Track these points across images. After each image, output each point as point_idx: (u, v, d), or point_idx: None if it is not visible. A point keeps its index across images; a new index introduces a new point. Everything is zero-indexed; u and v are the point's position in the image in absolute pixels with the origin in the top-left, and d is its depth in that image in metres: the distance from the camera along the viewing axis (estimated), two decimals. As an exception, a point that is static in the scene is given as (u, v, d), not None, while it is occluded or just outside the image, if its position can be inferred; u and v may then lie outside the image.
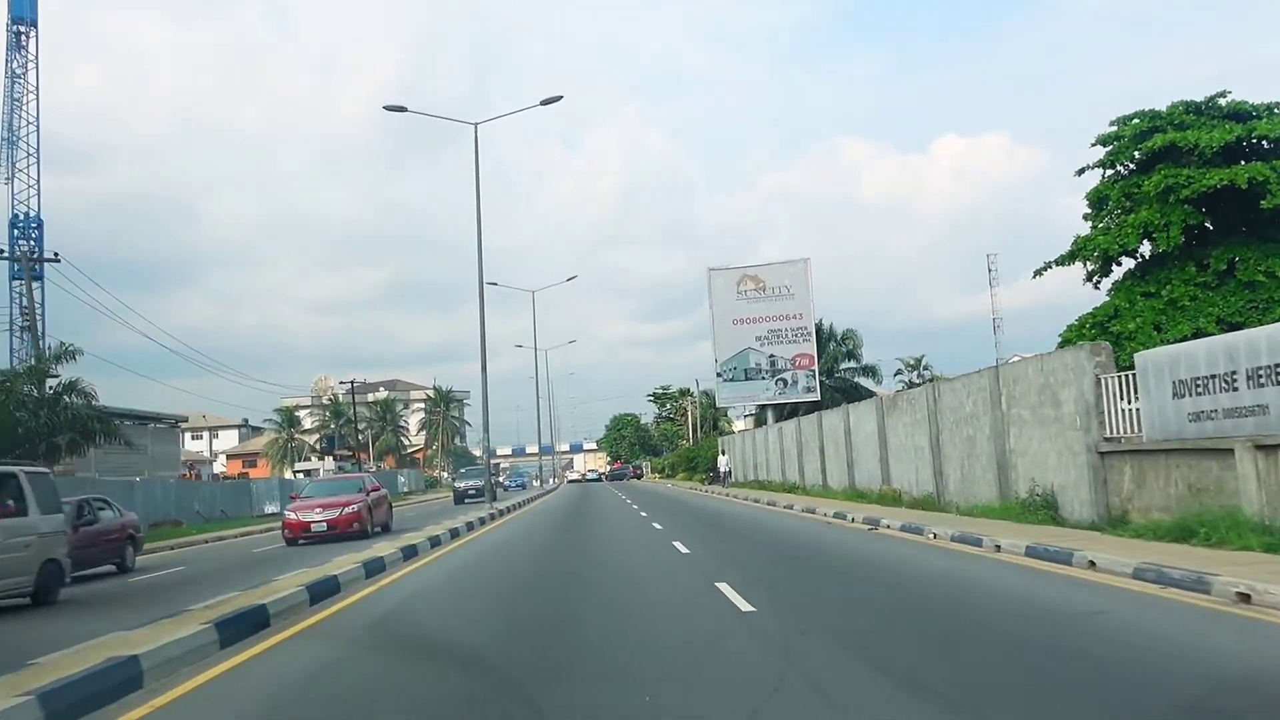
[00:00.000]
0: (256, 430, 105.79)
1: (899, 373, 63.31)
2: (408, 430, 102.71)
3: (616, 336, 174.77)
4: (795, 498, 28.37)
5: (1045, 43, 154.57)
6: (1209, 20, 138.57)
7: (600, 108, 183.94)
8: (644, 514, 26.12)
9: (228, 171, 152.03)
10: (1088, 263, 24.67)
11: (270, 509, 42.71)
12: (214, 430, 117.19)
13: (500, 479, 71.49)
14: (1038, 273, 25.32)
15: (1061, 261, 25.05)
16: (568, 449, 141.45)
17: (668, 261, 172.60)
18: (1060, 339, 24.15)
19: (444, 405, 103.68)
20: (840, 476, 27.75)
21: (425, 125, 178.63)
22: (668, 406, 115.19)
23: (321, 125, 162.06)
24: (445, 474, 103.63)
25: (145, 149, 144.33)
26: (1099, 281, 25.05)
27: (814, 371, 48.28)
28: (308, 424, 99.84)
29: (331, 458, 74.16)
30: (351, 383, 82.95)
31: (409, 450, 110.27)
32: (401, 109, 30.75)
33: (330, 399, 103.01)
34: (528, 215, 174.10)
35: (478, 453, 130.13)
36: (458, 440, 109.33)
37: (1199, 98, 23.93)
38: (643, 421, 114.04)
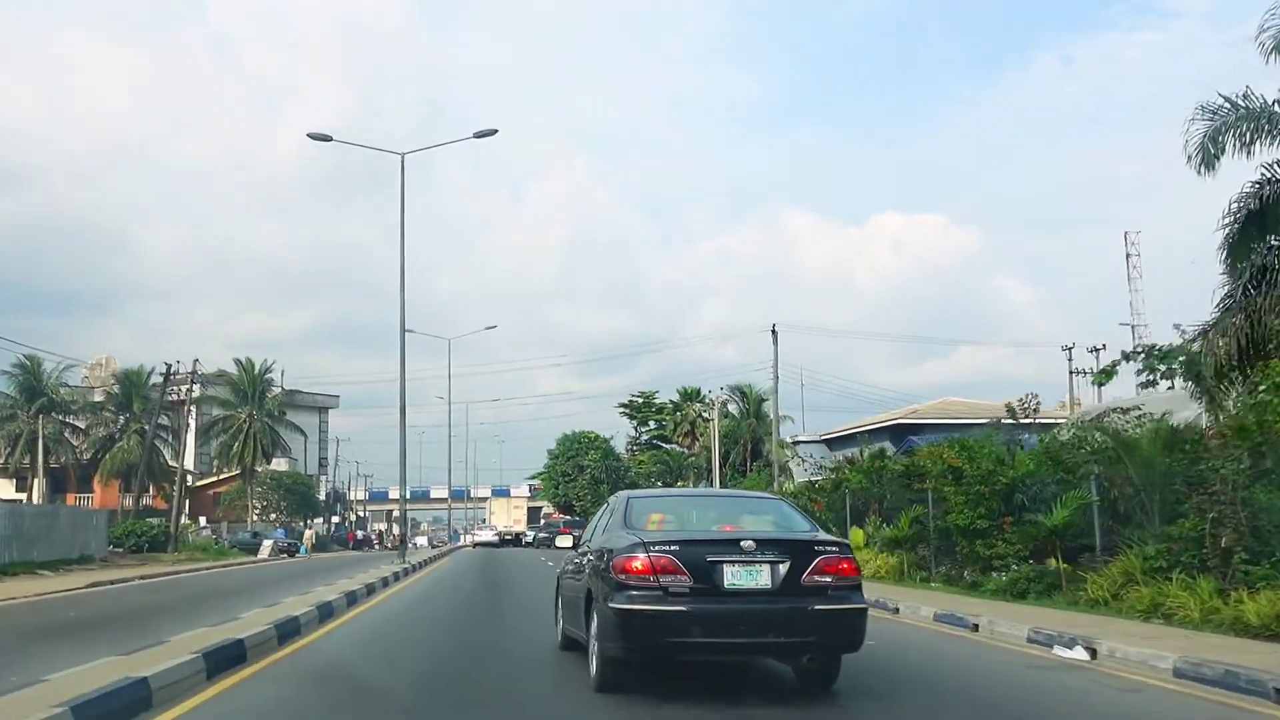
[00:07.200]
0: None
1: None
2: (178, 440, 53.98)
3: (549, 390, 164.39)
4: None
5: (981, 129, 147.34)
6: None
7: (549, 160, 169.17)
8: None
9: (158, 199, 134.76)
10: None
11: None
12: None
13: None
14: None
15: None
16: (489, 494, 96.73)
17: (610, 318, 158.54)
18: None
19: (252, 399, 56.29)
20: None
21: (365, 163, 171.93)
22: (651, 424, 69.82)
23: (260, 159, 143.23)
24: (243, 524, 56.46)
25: (77, 172, 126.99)
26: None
27: None
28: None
29: None
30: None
31: (203, 479, 63.26)
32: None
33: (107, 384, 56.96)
34: (472, 261, 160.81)
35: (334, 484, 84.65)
36: (280, 459, 61.93)
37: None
38: (611, 445, 68.49)
